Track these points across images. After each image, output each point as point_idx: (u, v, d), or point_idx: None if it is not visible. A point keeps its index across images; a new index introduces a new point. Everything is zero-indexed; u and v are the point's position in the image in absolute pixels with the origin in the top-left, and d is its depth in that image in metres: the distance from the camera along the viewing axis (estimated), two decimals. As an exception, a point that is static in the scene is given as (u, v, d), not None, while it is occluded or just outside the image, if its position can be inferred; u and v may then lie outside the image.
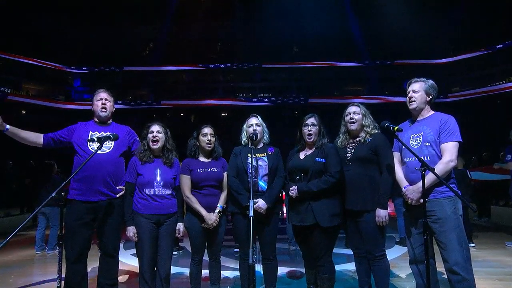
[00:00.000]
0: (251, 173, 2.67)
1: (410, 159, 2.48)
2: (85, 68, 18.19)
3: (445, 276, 2.36)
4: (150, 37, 20.07)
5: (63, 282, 2.40)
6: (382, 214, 2.53)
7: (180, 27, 19.15)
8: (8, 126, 2.57)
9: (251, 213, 2.34)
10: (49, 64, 17.10)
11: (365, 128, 2.72)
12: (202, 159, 2.97)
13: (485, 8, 14.86)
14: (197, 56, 18.88)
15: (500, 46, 15.14)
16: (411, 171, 2.47)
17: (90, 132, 2.76)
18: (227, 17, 19.30)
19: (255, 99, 18.10)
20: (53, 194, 1.92)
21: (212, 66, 18.70)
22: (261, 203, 2.67)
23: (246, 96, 18.66)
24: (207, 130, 2.96)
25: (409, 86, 2.61)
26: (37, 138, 2.73)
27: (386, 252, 2.64)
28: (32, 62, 16.69)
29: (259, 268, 2.98)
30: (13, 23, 15.35)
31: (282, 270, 3.95)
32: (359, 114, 2.74)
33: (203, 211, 2.80)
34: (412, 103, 2.55)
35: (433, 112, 2.55)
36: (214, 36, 20.06)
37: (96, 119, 2.86)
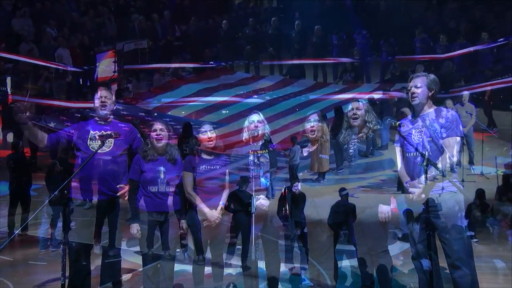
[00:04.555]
0: (252, 170, 2.67)
1: (412, 154, 2.47)
2: (85, 66, 18.16)
3: (448, 271, 2.35)
4: (149, 34, 19.98)
5: (67, 280, 2.41)
6: (384, 210, 2.53)
7: (180, 24, 19.06)
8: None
9: (253, 210, 2.35)
10: (50, 63, 17.07)
11: (367, 124, 2.71)
12: (204, 156, 2.97)
13: (490, 1, 14.67)
14: (197, 54, 18.79)
15: (502, 40, 14.95)
16: (412, 166, 2.46)
17: (91, 132, 2.76)
18: (227, 14, 19.18)
19: (255, 96, 18.02)
20: (55, 193, 1.93)
21: (212, 63, 18.61)
22: (263, 200, 2.67)
23: (247, 93, 18.55)
24: (206, 127, 2.96)
25: (410, 81, 2.58)
26: (43, 137, 2.74)
27: (388, 248, 2.64)
28: (34, 61, 16.65)
29: (261, 264, 2.98)
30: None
31: (284, 267, 3.95)
32: (361, 110, 2.73)
33: (205, 208, 2.81)
34: (415, 99, 2.53)
35: (435, 107, 2.54)
36: (214, 33, 19.95)
37: (96, 118, 2.87)
